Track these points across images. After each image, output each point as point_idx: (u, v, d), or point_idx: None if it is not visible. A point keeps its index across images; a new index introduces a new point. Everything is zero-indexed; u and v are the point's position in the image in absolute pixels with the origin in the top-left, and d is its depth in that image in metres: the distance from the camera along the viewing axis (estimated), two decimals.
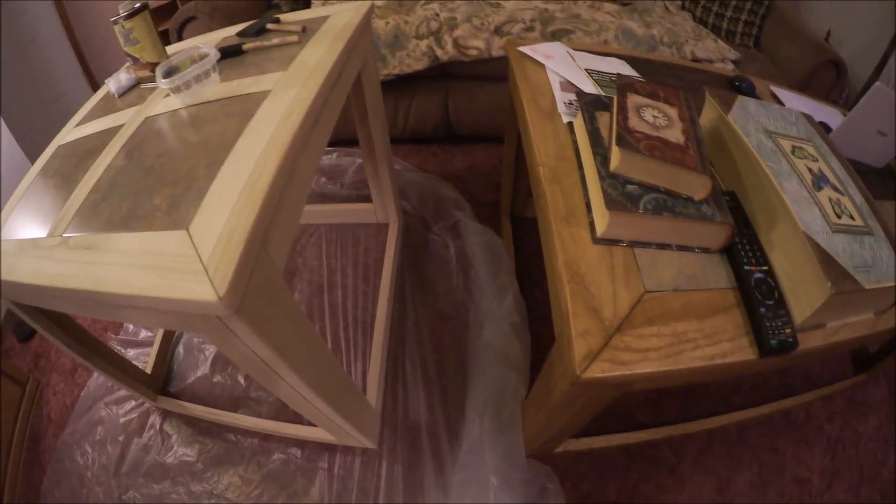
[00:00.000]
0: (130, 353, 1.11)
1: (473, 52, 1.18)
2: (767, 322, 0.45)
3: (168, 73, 0.66)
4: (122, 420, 1.02)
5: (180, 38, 1.46)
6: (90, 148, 0.64)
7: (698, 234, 0.50)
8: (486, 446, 0.76)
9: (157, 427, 0.99)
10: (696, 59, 1.20)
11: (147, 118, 0.64)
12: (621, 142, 0.46)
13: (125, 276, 0.41)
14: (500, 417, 0.80)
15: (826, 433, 0.87)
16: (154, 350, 1.08)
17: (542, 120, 0.63)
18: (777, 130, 0.61)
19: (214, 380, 1.03)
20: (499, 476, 0.72)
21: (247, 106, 0.57)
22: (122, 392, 1.05)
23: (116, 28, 0.82)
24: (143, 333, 1.16)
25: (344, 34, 0.70)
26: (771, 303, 0.47)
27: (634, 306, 0.45)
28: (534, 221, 0.65)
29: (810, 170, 0.56)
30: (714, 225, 0.49)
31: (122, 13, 0.81)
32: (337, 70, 0.63)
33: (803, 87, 1.28)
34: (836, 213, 0.51)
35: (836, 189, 0.54)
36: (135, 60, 0.82)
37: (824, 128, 0.70)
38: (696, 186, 0.49)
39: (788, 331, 0.45)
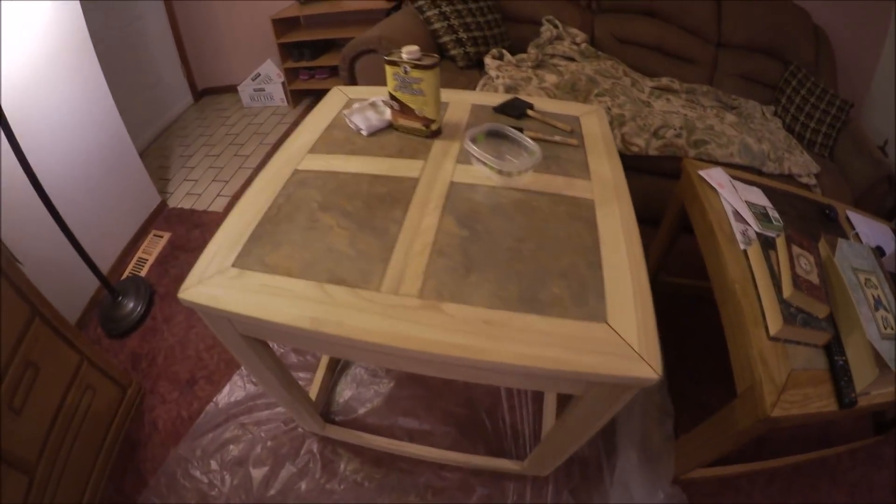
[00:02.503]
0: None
1: (635, 149, 1.69)
2: (843, 389, 0.99)
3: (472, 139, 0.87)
4: (268, 443, 1.22)
5: (352, 71, 1.86)
6: (378, 193, 0.83)
7: (817, 337, 1.03)
8: (637, 475, 1.23)
9: (315, 452, 1.20)
10: (791, 174, 1.76)
11: (453, 183, 0.87)
12: (796, 283, 0.99)
13: (552, 353, 0.60)
14: (649, 450, 1.27)
15: (850, 479, 1.39)
16: (318, 381, 1.31)
17: (727, 244, 1.14)
18: (858, 267, 1.15)
19: (386, 415, 1.28)
20: (642, 495, 1.20)
21: (581, 211, 0.82)
22: (264, 413, 1.31)
23: (392, 69, 0.91)
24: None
25: (610, 149, 0.99)
26: (846, 378, 1.00)
27: (788, 376, 0.97)
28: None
29: (874, 296, 1.10)
30: (826, 333, 1.02)
31: (406, 57, 0.90)
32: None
33: (864, 195, 1.87)
34: (884, 326, 1.05)
35: (886, 309, 1.08)
36: (402, 107, 0.95)
37: (880, 251, 1.26)
38: (822, 311, 1.02)
39: (853, 395, 0.99)
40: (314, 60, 2.85)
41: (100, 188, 1.84)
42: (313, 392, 1.28)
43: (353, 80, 1.95)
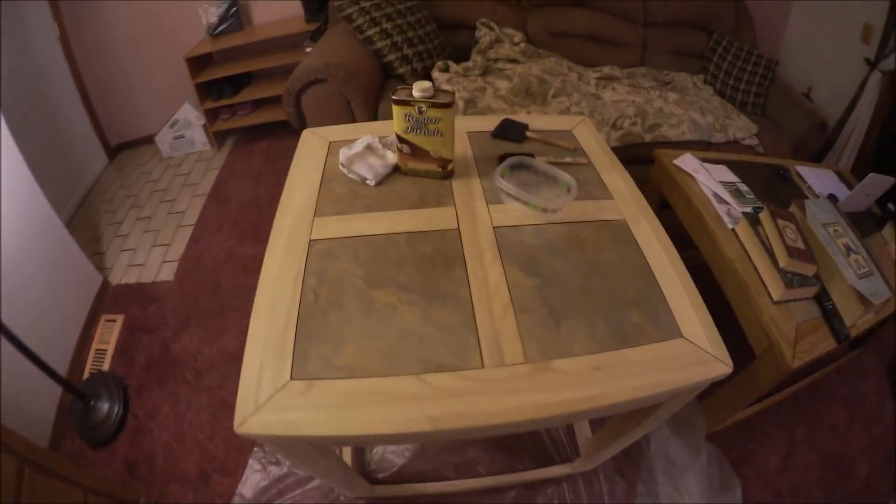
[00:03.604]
0: None
1: None
2: (837, 328, 1.17)
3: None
4: None
5: (298, 105, 1.86)
6: (425, 254, 0.82)
7: (809, 291, 1.22)
8: (674, 441, 1.39)
9: None
10: (737, 140, 2.00)
11: (496, 228, 0.89)
12: (790, 253, 1.17)
13: (652, 379, 0.67)
14: (678, 417, 1.44)
15: (841, 393, 1.66)
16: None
17: (717, 226, 1.31)
18: (826, 221, 1.36)
19: (427, 458, 1.34)
20: (686, 459, 1.36)
21: (620, 234, 0.90)
22: (298, 492, 1.31)
23: (404, 109, 0.89)
24: None
25: (613, 160, 1.09)
26: (837, 319, 1.20)
27: (796, 331, 1.15)
28: None
29: (844, 244, 1.32)
30: (815, 286, 1.21)
31: (420, 95, 0.87)
32: None
33: (799, 144, 2.16)
34: (858, 268, 1.26)
35: (855, 252, 1.30)
36: (414, 149, 0.94)
37: (833, 198, 1.50)
38: (811, 270, 1.21)
39: (846, 331, 1.19)
40: (235, 97, 2.77)
41: (36, 281, 1.71)
42: (346, 457, 1.30)
43: (299, 115, 1.94)
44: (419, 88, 0.87)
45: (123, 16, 2.57)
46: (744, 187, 1.47)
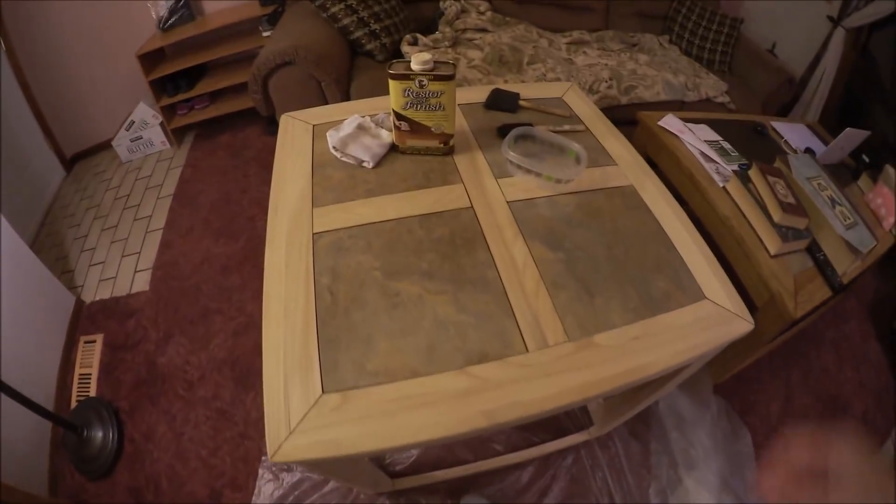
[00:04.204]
0: None
1: None
2: (830, 277, 1.21)
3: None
4: None
5: (266, 90, 1.76)
6: (442, 237, 0.78)
7: (802, 244, 1.25)
8: (682, 398, 1.43)
9: None
10: (709, 98, 2.02)
11: (510, 203, 0.86)
12: (784, 208, 1.19)
13: (690, 343, 0.67)
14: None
15: (828, 337, 1.75)
16: None
17: (709, 185, 1.32)
18: (810, 175, 1.40)
19: (440, 447, 1.33)
20: (695, 413, 1.41)
21: (632, 199, 0.89)
22: (315, 497, 1.28)
23: (402, 84, 0.83)
24: None
25: (609, 126, 1.07)
26: (829, 268, 1.24)
27: (794, 282, 1.18)
28: None
29: (828, 197, 1.35)
30: (807, 238, 1.24)
31: (419, 68, 0.81)
32: None
33: (768, 100, 2.20)
34: (844, 219, 1.30)
35: (839, 203, 1.34)
36: (413, 126, 0.88)
37: (811, 152, 1.54)
38: (803, 223, 1.24)
39: (839, 279, 1.23)
40: (191, 90, 2.62)
41: (8, 313, 1.59)
42: None
43: (267, 101, 1.85)
44: (419, 61, 0.81)
45: (69, 20, 2.38)
46: (727, 145, 1.48)
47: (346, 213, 0.86)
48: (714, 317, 0.73)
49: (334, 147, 0.96)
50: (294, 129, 1.08)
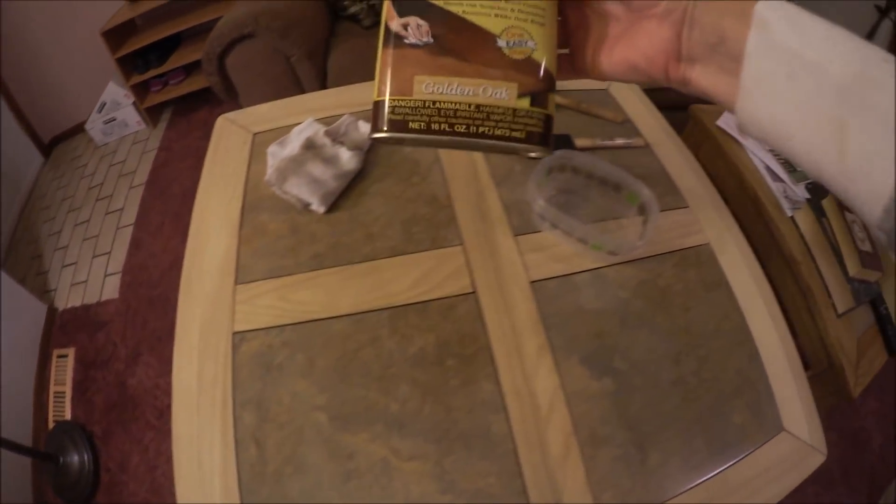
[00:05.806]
0: None
1: None
2: (892, 337, 0.95)
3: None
4: None
5: (223, 70, 1.43)
6: (423, 350, 0.54)
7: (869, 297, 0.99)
8: None
9: None
10: None
11: (534, 284, 0.59)
12: (863, 261, 0.91)
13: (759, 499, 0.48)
14: None
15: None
16: None
17: (776, 213, 1.02)
18: None
19: None
20: None
21: (708, 271, 0.61)
22: None
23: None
24: None
25: (673, 139, 0.74)
26: (892, 325, 0.98)
27: (858, 342, 0.93)
28: None
29: None
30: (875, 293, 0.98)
31: None
32: None
33: None
34: None
35: None
36: (450, 27, 0.24)
37: None
38: (876, 276, 0.96)
39: None
40: (164, 65, 2.34)
41: None
42: None
43: (227, 83, 1.53)
44: None
45: None
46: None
47: (281, 298, 0.61)
48: (790, 457, 0.52)
49: (269, 180, 0.67)
50: (229, 138, 0.81)
